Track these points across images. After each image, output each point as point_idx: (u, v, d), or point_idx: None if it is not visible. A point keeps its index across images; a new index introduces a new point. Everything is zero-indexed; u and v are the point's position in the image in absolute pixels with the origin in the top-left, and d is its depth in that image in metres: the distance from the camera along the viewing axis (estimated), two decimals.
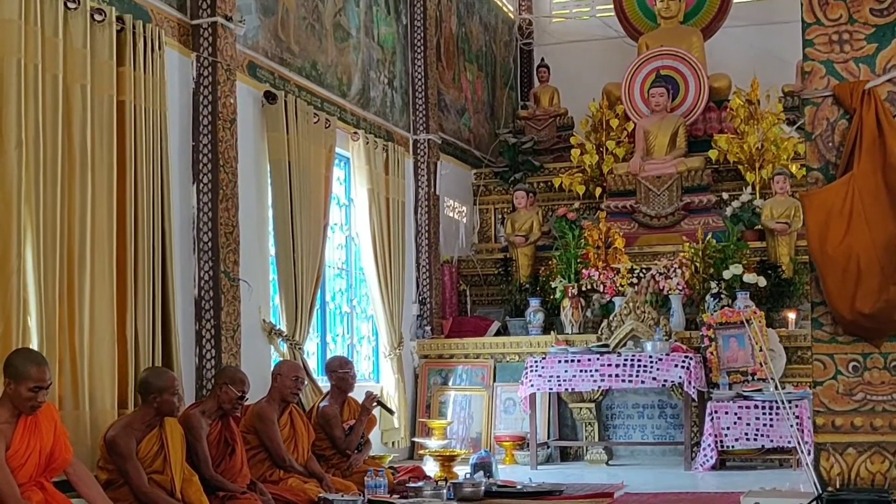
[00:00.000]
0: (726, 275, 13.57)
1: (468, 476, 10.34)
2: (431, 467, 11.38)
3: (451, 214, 15.64)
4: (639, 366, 12.39)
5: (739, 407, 12.02)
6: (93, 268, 8.34)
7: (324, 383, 11.13)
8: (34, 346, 7.57)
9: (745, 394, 12.16)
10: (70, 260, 8.19)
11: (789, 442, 11.78)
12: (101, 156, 8.51)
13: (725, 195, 14.96)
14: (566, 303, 14.07)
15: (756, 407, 11.99)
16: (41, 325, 7.73)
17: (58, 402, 7.78)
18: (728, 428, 11.98)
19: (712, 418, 12.03)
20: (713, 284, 13.63)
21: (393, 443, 13.14)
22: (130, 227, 8.77)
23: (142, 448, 7.65)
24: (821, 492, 5.11)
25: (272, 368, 10.00)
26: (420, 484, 9.61)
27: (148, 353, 8.79)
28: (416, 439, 13.54)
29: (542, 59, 18.00)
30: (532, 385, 12.65)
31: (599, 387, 12.75)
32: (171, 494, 7.63)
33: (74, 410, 8.06)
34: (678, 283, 13.66)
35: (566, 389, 12.77)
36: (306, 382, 10.38)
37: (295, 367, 9.86)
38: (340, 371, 10.48)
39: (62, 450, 6.79)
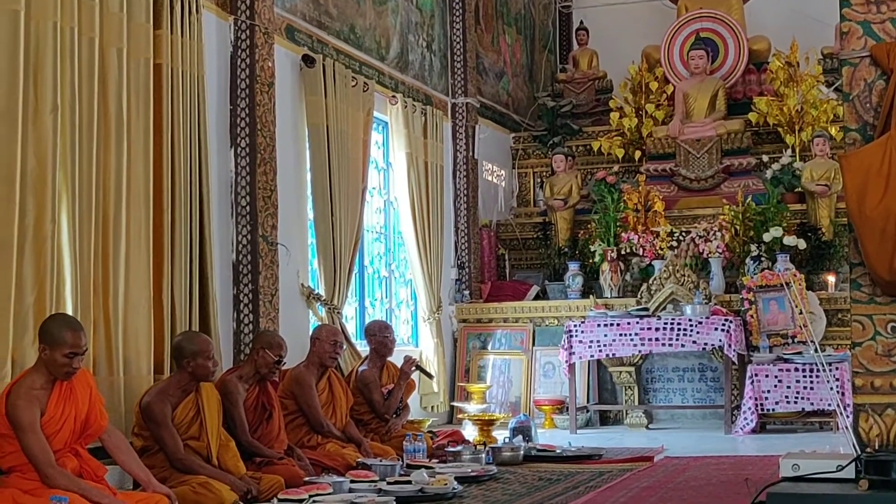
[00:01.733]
0: (766, 237, 13.48)
1: (507, 440, 10.24)
2: (470, 431, 11.32)
3: (489, 178, 15.49)
4: (679, 329, 12.27)
5: (779, 370, 11.94)
6: (128, 233, 8.21)
7: (363, 347, 11.03)
8: (69, 311, 7.43)
9: (785, 357, 12.06)
10: (105, 225, 8.06)
11: (829, 404, 11.71)
12: (137, 120, 8.37)
13: (765, 158, 14.83)
14: (605, 266, 13.97)
15: (796, 370, 11.91)
16: (76, 291, 7.60)
17: (92, 367, 7.66)
18: (768, 391, 11.91)
19: (752, 381, 11.92)
20: (753, 247, 13.53)
21: (432, 407, 13.05)
22: (167, 191, 8.64)
23: (177, 414, 7.53)
24: (859, 453, 4.96)
25: (311, 333, 9.89)
26: (459, 448, 9.51)
27: (185, 317, 8.66)
28: (455, 403, 13.45)
29: (581, 22, 17.75)
30: (573, 353, 12.52)
31: (640, 351, 12.62)
32: (207, 460, 7.51)
33: (109, 376, 7.94)
34: (718, 246, 13.53)
35: (607, 356, 12.65)
36: (345, 347, 10.26)
37: (334, 331, 9.75)
38: (380, 335, 10.39)
39: (97, 416, 6.67)
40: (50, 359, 6.45)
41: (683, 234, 13.98)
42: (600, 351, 12.54)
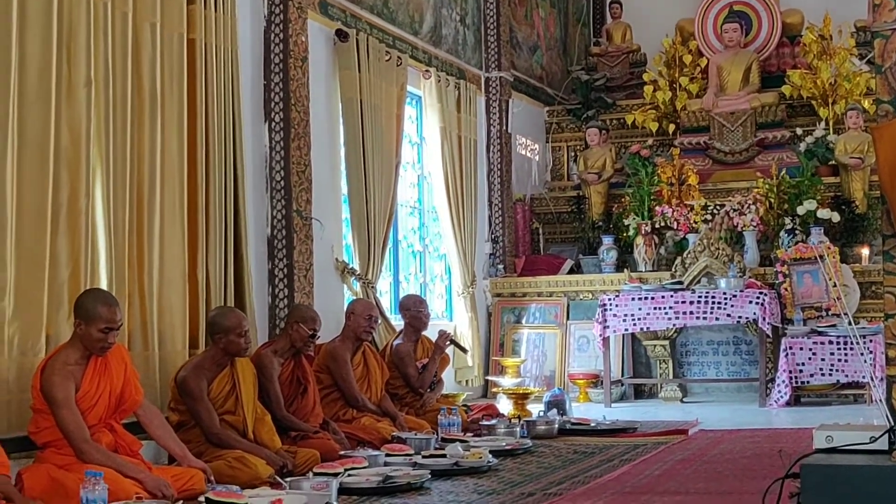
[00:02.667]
0: (800, 210, 13.38)
1: (542, 414, 10.19)
2: (505, 405, 11.29)
3: (523, 152, 15.39)
4: (713, 303, 12.18)
5: (814, 343, 11.88)
6: (163, 207, 8.16)
7: (397, 322, 10.97)
8: (103, 286, 7.39)
9: (819, 329, 11.99)
10: (140, 200, 8.00)
11: (863, 377, 11.65)
12: (171, 95, 8.31)
13: (799, 130, 14.69)
14: (639, 240, 13.89)
15: (830, 342, 11.85)
16: (110, 266, 7.55)
17: (127, 342, 7.61)
18: (802, 364, 11.86)
19: (787, 354, 11.86)
20: (787, 220, 13.45)
21: (466, 381, 12.99)
22: (202, 166, 8.58)
23: (213, 388, 7.48)
24: (893, 424, 4.87)
25: (345, 307, 9.84)
26: (493, 422, 9.46)
27: (220, 292, 8.61)
28: (489, 377, 13.40)
29: None
30: (608, 326, 12.44)
31: (674, 325, 12.53)
32: (242, 435, 7.47)
33: (144, 351, 7.90)
34: (752, 220, 13.43)
35: (641, 329, 12.57)
36: (379, 321, 10.20)
37: (369, 305, 9.70)
38: (414, 310, 10.35)
39: (132, 391, 6.66)
40: (85, 334, 6.43)
41: (717, 207, 13.89)
42: (634, 325, 12.47)
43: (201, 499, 6.02)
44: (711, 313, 12.17)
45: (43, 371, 6.34)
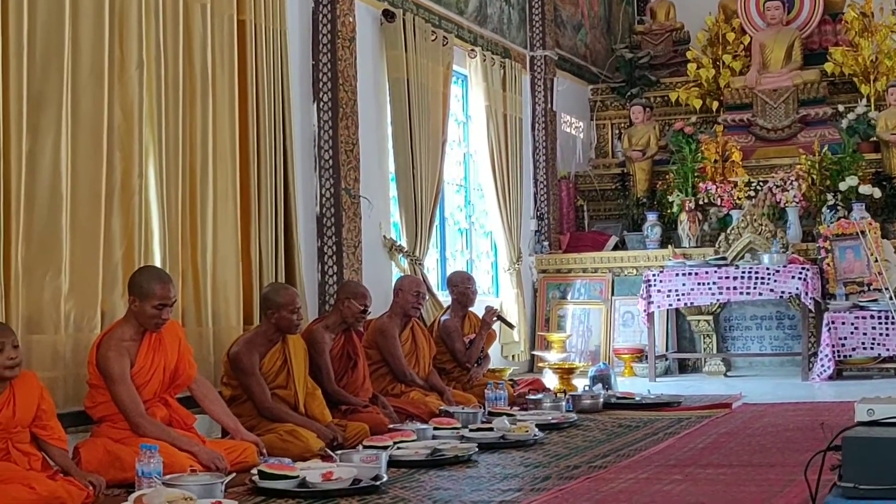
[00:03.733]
0: (842, 186, 13.28)
1: (587, 388, 10.18)
2: (551, 380, 11.27)
3: (568, 130, 15.34)
4: (756, 278, 12.11)
5: (856, 317, 11.78)
6: (215, 186, 8.18)
7: (445, 298, 10.97)
8: (157, 263, 7.43)
9: (861, 304, 11.89)
10: (192, 179, 8.03)
11: None
12: (222, 75, 8.32)
13: (841, 107, 14.52)
14: (683, 216, 13.83)
15: (872, 317, 11.75)
16: (164, 243, 7.59)
17: (181, 319, 7.65)
18: (845, 338, 11.76)
19: (829, 329, 11.77)
20: (829, 196, 13.35)
21: (513, 356, 12.99)
22: (252, 145, 8.60)
23: (265, 363, 7.50)
24: None
25: (394, 283, 9.85)
26: (539, 396, 9.44)
27: (271, 269, 8.65)
28: (535, 352, 13.38)
29: None
30: (652, 302, 12.40)
31: (718, 300, 12.49)
32: (294, 409, 7.49)
33: (198, 327, 7.94)
34: (795, 196, 13.34)
35: (685, 304, 12.52)
36: (427, 297, 10.19)
37: (416, 281, 9.71)
38: (462, 286, 10.33)
39: (186, 366, 6.70)
40: (139, 310, 6.47)
41: (761, 183, 13.77)
42: (679, 300, 12.43)
43: (254, 471, 6.04)
44: (755, 288, 12.10)
45: (98, 347, 6.39)
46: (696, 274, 12.33)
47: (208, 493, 5.40)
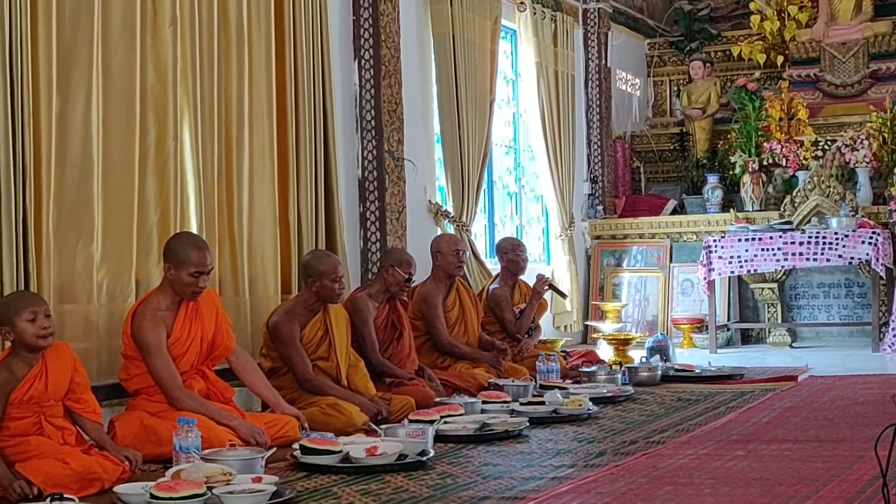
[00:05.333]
0: None
1: (644, 360, 10.20)
2: (605, 351, 11.31)
3: (623, 87, 15.32)
4: (824, 243, 12.09)
5: None
6: (252, 149, 8.26)
7: (493, 266, 11.01)
8: (193, 229, 7.52)
9: None
10: (228, 141, 8.10)
11: None
12: (258, 32, 8.38)
13: None
14: (746, 178, 13.78)
15: None
16: (200, 209, 7.68)
17: (218, 287, 7.73)
18: None
19: None
20: None
21: (565, 327, 13.04)
22: (290, 105, 8.65)
23: (305, 334, 7.55)
24: None
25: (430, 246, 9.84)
26: (593, 368, 9.50)
27: (311, 235, 8.72)
28: (589, 323, 13.43)
29: None
30: (712, 269, 12.39)
31: (783, 267, 12.46)
32: (336, 381, 7.54)
33: (235, 297, 8.03)
34: (865, 156, 13.27)
35: (748, 272, 12.52)
36: (468, 253, 10.17)
37: (454, 240, 9.67)
38: (512, 253, 10.32)
39: (224, 337, 6.75)
40: (175, 278, 6.53)
41: (828, 143, 13.72)
42: (741, 267, 12.41)
43: (295, 446, 6.09)
44: (822, 254, 12.08)
45: (133, 317, 6.46)
46: (760, 239, 12.31)
47: (248, 469, 5.47)
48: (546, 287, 10.34)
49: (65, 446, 5.53)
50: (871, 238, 11.89)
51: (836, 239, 12.03)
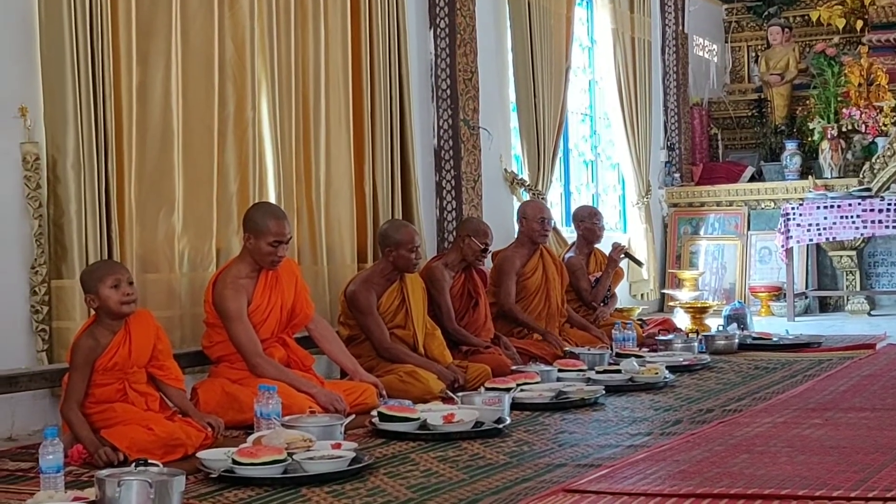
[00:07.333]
0: None
1: (721, 328, 10.19)
2: (682, 320, 11.28)
3: (700, 53, 15.24)
4: None
5: None
6: (328, 119, 8.33)
7: (569, 234, 11.03)
8: (272, 199, 7.62)
9: None
10: (305, 111, 8.17)
11: None
12: (334, 2, 8.41)
13: None
14: (825, 145, 13.70)
15: None
16: (278, 179, 7.78)
17: (296, 257, 7.82)
18: None
19: None
20: None
21: (642, 295, 13.04)
22: (366, 75, 8.70)
23: (382, 303, 7.63)
24: None
25: (516, 212, 9.88)
26: (670, 337, 9.51)
27: (387, 205, 8.79)
28: (665, 291, 13.42)
29: None
30: (790, 236, 12.33)
31: (861, 234, 12.38)
32: (413, 349, 7.63)
33: (313, 266, 8.12)
34: None
35: (826, 239, 12.45)
36: (553, 222, 10.18)
37: (539, 207, 9.69)
38: (588, 221, 10.32)
39: (303, 305, 6.83)
40: (255, 248, 6.60)
41: None
42: (819, 234, 12.34)
43: (373, 413, 6.16)
44: None
45: (215, 285, 6.57)
46: (839, 206, 12.23)
47: (328, 435, 5.53)
48: (622, 255, 10.33)
49: (148, 412, 5.62)
50: None
51: None
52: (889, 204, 12.03)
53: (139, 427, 5.44)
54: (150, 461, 4.57)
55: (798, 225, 12.32)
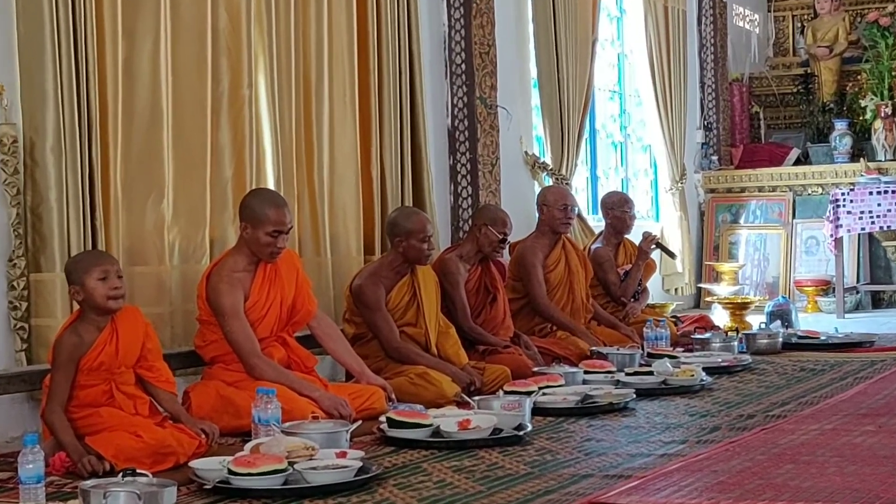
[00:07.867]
0: None
1: (763, 326, 10.18)
2: (720, 316, 11.30)
3: (740, 24, 15.25)
4: None
5: None
6: (332, 96, 8.34)
7: (596, 223, 11.04)
8: (270, 185, 7.64)
9: None
10: (307, 88, 8.19)
11: None
12: None
13: None
14: (878, 124, 13.71)
15: None
16: (277, 163, 7.79)
17: (297, 248, 7.85)
18: None
19: None
20: None
21: (676, 289, 13.05)
22: (373, 48, 8.71)
23: (392, 298, 7.64)
24: None
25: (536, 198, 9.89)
26: (707, 335, 9.52)
27: (396, 191, 8.81)
28: (702, 285, 13.44)
29: None
30: (840, 225, 12.33)
31: None
32: (425, 349, 7.64)
33: (316, 257, 8.13)
34: None
35: (880, 228, 12.45)
36: (577, 209, 10.19)
37: (562, 193, 9.71)
38: (618, 209, 10.31)
39: (305, 301, 6.84)
40: (252, 238, 6.61)
41: None
42: (872, 223, 12.36)
43: (382, 419, 6.17)
44: None
45: (208, 279, 6.57)
46: (893, 192, 12.24)
47: (332, 443, 5.54)
48: (654, 246, 10.32)
49: (137, 417, 5.61)
50: None
51: None
52: None
53: (127, 434, 5.44)
54: (138, 471, 4.58)
55: (848, 212, 12.33)
